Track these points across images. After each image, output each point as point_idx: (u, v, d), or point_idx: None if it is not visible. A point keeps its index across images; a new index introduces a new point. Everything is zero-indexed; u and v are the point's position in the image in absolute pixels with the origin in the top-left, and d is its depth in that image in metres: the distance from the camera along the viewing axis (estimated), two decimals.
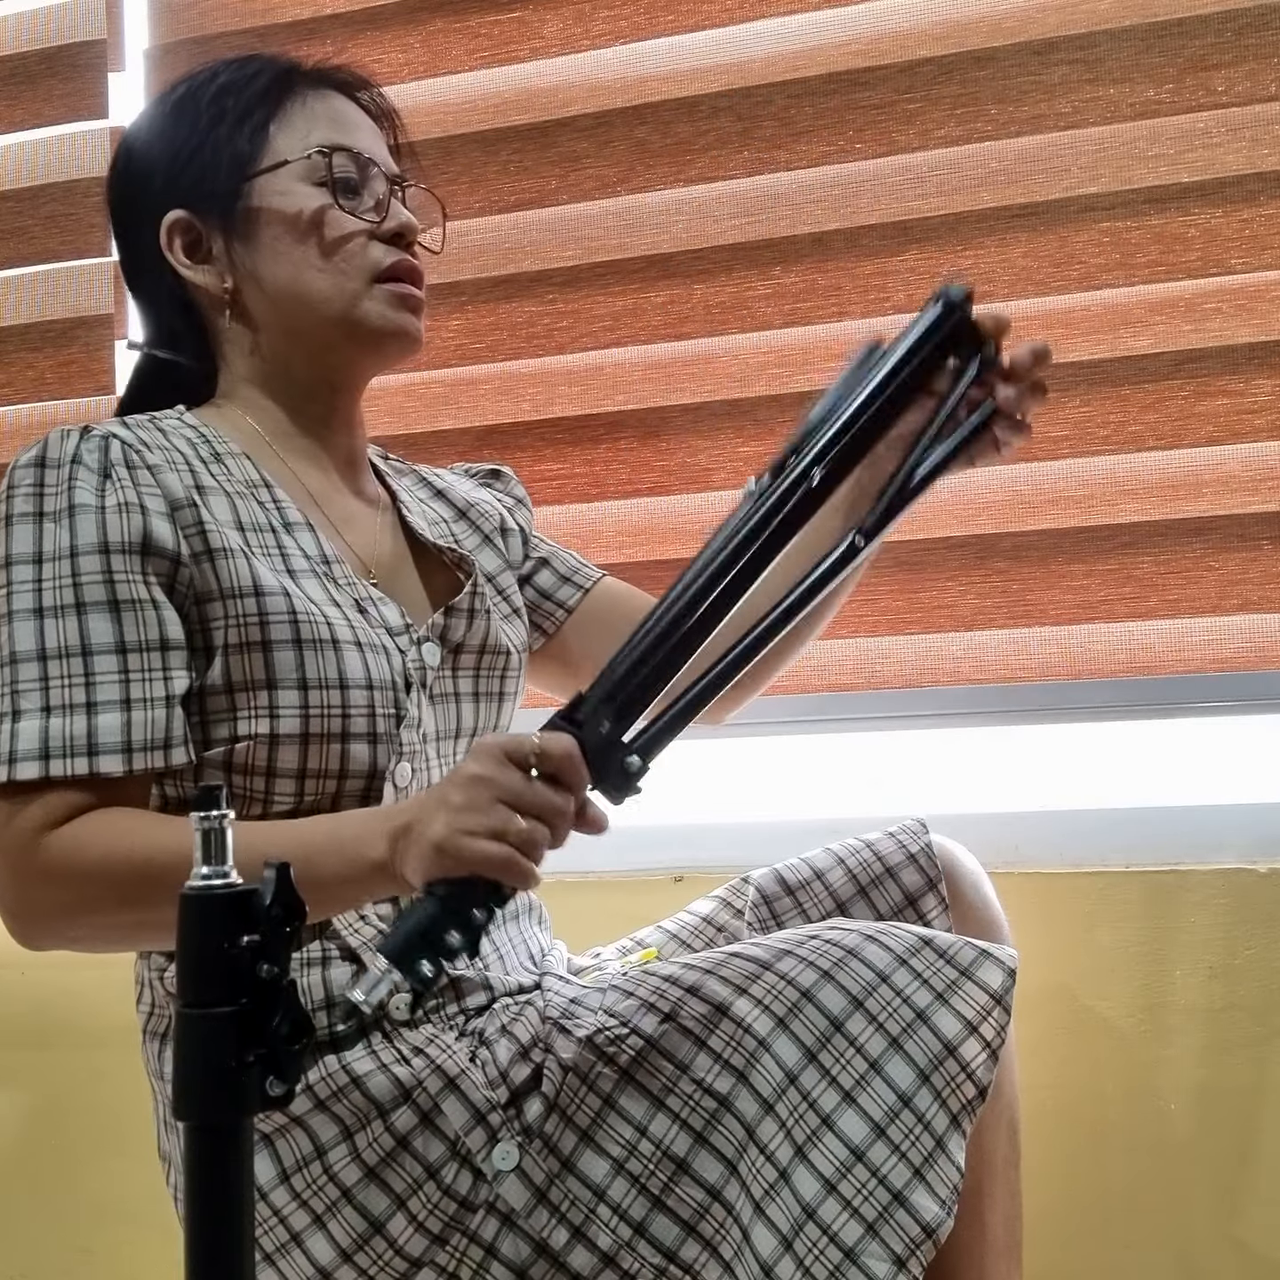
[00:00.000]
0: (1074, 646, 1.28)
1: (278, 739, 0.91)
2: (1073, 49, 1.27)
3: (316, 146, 1.00)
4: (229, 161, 0.99)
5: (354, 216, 1.00)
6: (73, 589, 0.88)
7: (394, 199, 1.02)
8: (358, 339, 1.01)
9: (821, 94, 1.33)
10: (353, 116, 1.04)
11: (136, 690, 0.88)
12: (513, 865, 0.77)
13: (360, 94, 1.06)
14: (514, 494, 1.20)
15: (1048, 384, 1.00)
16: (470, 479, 1.20)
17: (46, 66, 1.50)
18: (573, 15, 1.38)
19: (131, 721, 0.87)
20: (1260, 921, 1.21)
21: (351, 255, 0.99)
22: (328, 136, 1.01)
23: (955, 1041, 0.88)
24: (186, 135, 1.01)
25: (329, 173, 0.99)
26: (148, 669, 0.89)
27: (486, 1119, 0.89)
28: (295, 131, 1.00)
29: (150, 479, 0.92)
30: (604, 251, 1.38)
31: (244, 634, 0.91)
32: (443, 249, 1.09)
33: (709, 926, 1.11)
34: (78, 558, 0.88)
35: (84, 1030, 1.43)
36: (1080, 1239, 1.22)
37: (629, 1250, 0.86)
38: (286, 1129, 0.90)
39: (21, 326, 1.50)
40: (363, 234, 1.00)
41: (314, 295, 0.99)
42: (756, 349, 1.35)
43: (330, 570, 0.97)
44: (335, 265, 0.99)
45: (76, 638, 0.88)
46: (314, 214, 0.99)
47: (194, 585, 0.91)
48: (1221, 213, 1.25)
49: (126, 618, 0.89)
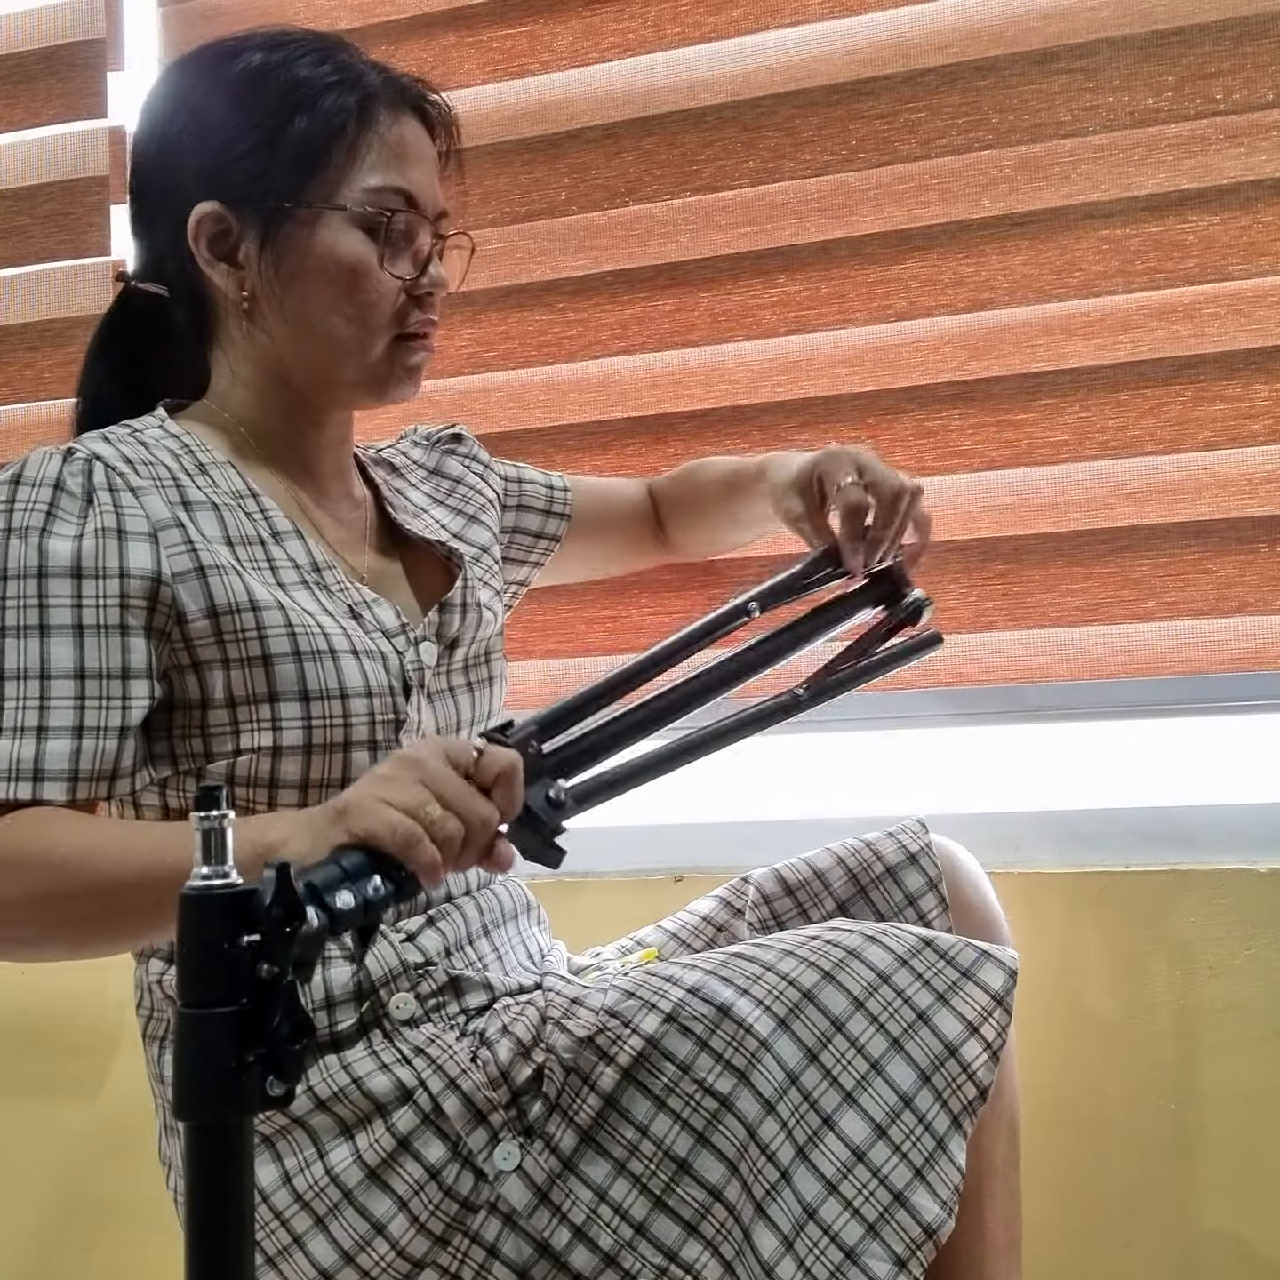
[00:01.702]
0: (1074, 648, 1.29)
1: (280, 751, 0.91)
2: (1073, 58, 1.28)
3: (378, 194, 0.96)
4: (288, 175, 0.95)
5: (393, 276, 0.97)
6: (38, 610, 0.87)
7: (438, 255, 1.01)
8: (364, 384, 1.00)
9: (825, 104, 1.33)
10: (421, 149, 1.00)
11: (90, 718, 0.87)
12: (415, 844, 0.70)
13: (432, 114, 1.02)
14: (480, 459, 1.19)
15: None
16: (433, 448, 1.18)
17: (45, 66, 1.50)
18: (582, 29, 1.39)
19: (81, 750, 0.86)
20: (1260, 921, 1.21)
21: (382, 311, 0.98)
22: (393, 180, 0.97)
23: (956, 1042, 0.88)
24: (246, 124, 0.96)
25: (384, 229, 0.96)
26: (105, 696, 0.87)
27: (488, 1119, 0.89)
28: (363, 168, 0.96)
29: (133, 500, 0.90)
30: (613, 261, 1.38)
31: (243, 649, 0.90)
32: (461, 285, 1.06)
33: (709, 926, 1.11)
34: (46, 579, 0.87)
35: (84, 1030, 1.43)
36: (1080, 1239, 1.22)
37: (630, 1250, 0.86)
38: (287, 1130, 0.90)
39: (20, 326, 1.49)
40: (397, 289, 0.98)
41: (334, 339, 0.98)
42: (761, 356, 1.36)
43: (321, 578, 0.96)
44: (363, 317, 0.97)
45: (37, 660, 0.86)
46: (357, 264, 0.96)
47: (177, 604, 0.90)
48: (1220, 219, 1.25)
49: (89, 643, 0.87)
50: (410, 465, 1.16)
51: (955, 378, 1.31)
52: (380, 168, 0.97)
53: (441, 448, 1.19)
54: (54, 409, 1.49)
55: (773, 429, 1.35)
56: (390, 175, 0.97)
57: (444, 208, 1.02)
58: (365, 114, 0.97)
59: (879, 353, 1.33)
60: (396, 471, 1.14)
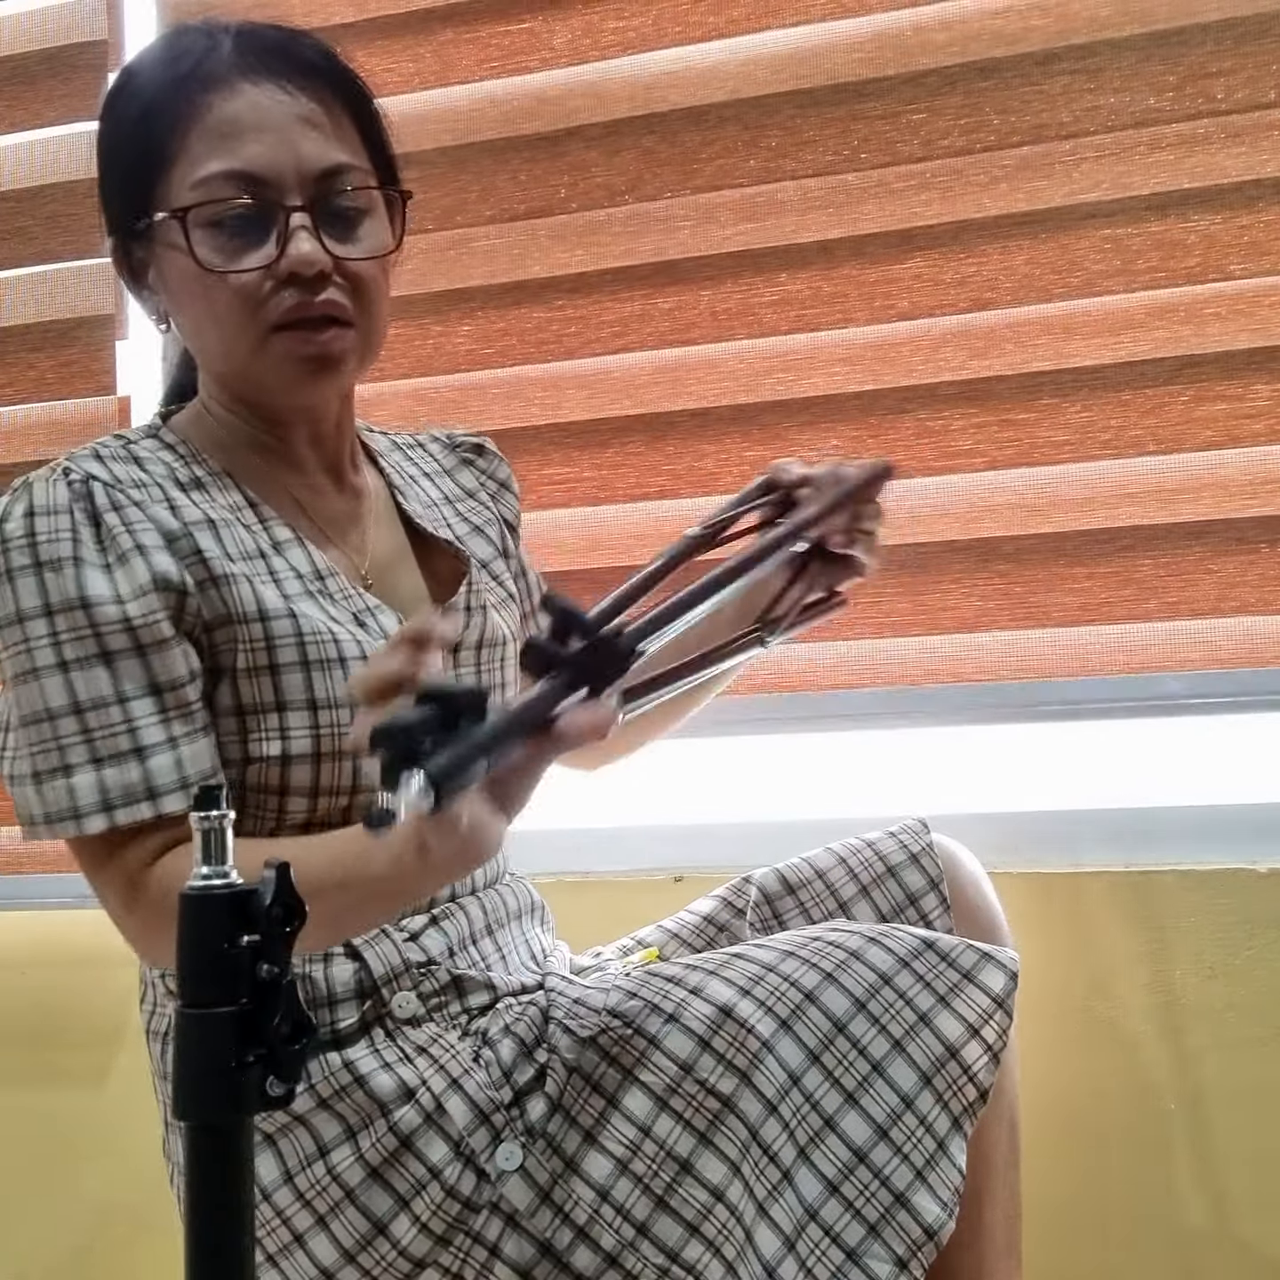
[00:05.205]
0: (1075, 647, 1.29)
1: (290, 759, 0.91)
2: (1074, 58, 1.28)
3: (207, 185, 0.89)
4: (136, 193, 0.92)
5: (235, 272, 0.89)
6: (94, 639, 0.87)
7: (303, 229, 0.89)
8: (264, 388, 0.94)
9: (827, 104, 1.33)
10: (263, 116, 0.89)
11: (178, 728, 0.88)
12: None
13: (287, 69, 0.90)
14: (497, 476, 1.15)
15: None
16: (453, 451, 1.15)
17: (47, 67, 1.50)
18: (582, 26, 1.39)
19: (182, 759, 0.88)
20: (1260, 921, 1.21)
21: (244, 310, 0.90)
22: (222, 165, 0.88)
23: (957, 1044, 0.89)
24: (106, 151, 0.95)
25: (224, 221, 0.89)
26: (182, 705, 0.89)
27: (490, 1119, 0.89)
28: (193, 160, 0.89)
29: (140, 515, 0.90)
30: (612, 258, 1.38)
31: (251, 659, 0.90)
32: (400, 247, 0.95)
33: (710, 926, 1.11)
34: (91, 609, 0.87)
35: (84, 1030, 1.43)
36: (1080, 1239, 1.23)
37: (632, 1250, 0.86)
38: (289, 1128, 0.90)
39: (22, 327, 1.50)
40: (259, 279, 0.89)
41: (213, 350, 0.94)
42: (762, 354, 1.36)
43: (325, 585, 0.96)
44: (226, 320, 0.90)
45: (110, 687, 0.87)
46: (206, 266, 0.89)
47: (201, 614, 0.90)
48: (1221, 219, 1.26)
49: (154, 660, 0.88)
50: (427, 458, 1.13)
51: (957, 377, 1.31)
52: (207, 155, 0.89)
53: (461, 453, 1.15)
54: (56, 409, 1.49)
55: (773, 428, 1.35)
56: (219, 160, 0.89)
57: (322, 168, 0.90)
58: (191, 104, 0.89)
59: (880, 352, 1.33)
60: (410, 459, 1.12)
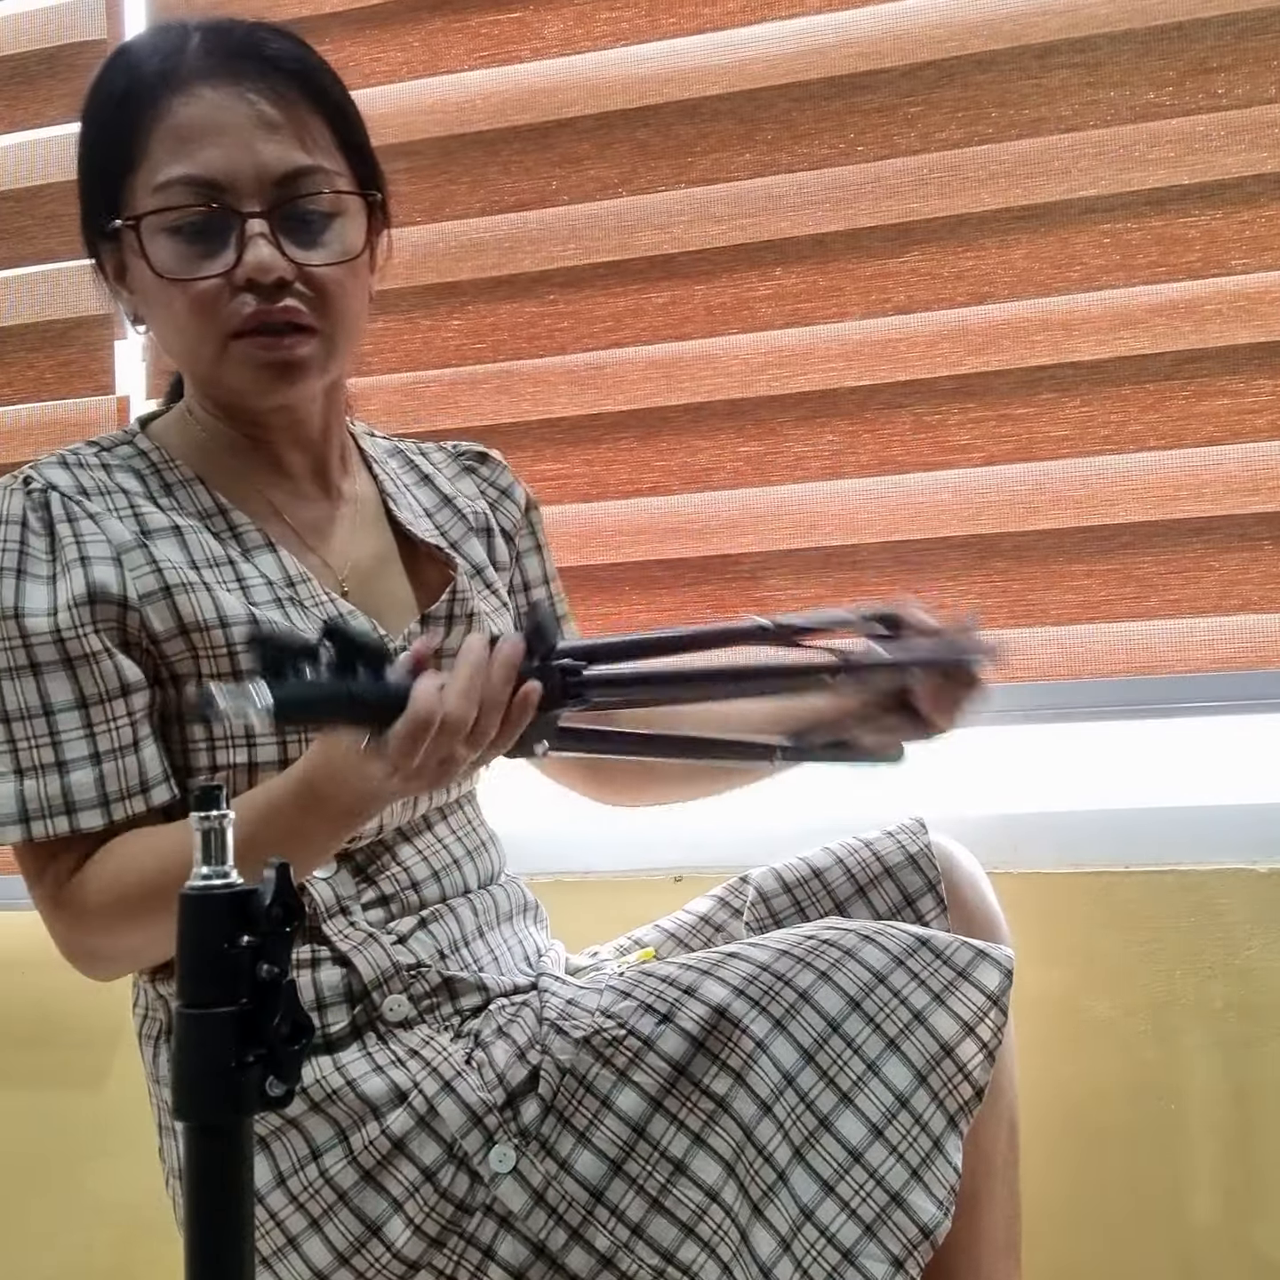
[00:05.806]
0: (1075, 646, 1.28)
1: (256, 767, 0.91)
2: (1073, 52, 1.27)
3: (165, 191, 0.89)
4: (100, 200, 0.93)
5: (192, 280, 0.89)
6: (24, 650, 0.88)
7: (260, 236, 0.89)
8: (229, 394, 0.94)
9: (823, 97, 1.33)
10: (222, 118, 0.88)
11: (104, 743, 0.88)
12: None
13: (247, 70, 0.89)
14: (498, 484, 1.13)
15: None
16: (456, 460, 1.14)
17: (46, 67, 1.50)
18: (574, 16, 1.38)
19: (104, 775, 0.88)
20: (1260, 921, 1.21)
21: (204, 317, 0.90)
22: (178, 170, 0.88)
23: (952, 1042, 0.88)
24: (78, 154, 0.95)
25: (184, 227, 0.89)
26: (111, 719, 0.89)
27: (483, 1121, 0.89)
28: (152, 166, 0.89)
29: (94, 526, 0.90)
30: (605, 252, 1.38)
31: (214, 665, 0.90)
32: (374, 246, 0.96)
33: (707, 926, 1.11)
34: (23, 619, 0.87)
35: (84, 1030, 1.43)
36: (1080, 1239, 1.22)
37: (627, 1251, 0.86)
38: (282, 1131, 0.90)
39: (21, 326, 1.50)
40: (217, 286, 0.89)
41: (179, 355, 0.95)
42: (757, 349, 1.35)
43: (295, 592, 0.95)
44: (190, 327, 0.91)
45: (36, 698, 0.88)
46: (166, 273, 0.90)
47: (146, 626, 0.90)
48: (1221, 214, 1.25)
49: (82, 673, 0.88)
50: (426, 464, 1.12)
51: (954, 372, 1.30)
52: (166, 160, 0.89)
53: (464, 461, 1.14)
54: (55, 409, 1.49)
55: (768, 423, 1.34)
56: (177, 165, 0.88)
57: (282, 171, 0.89)
58: (155, 107, 0.89)
59: (877, 346, 1.32)
60: (411, 465, 1.11)
